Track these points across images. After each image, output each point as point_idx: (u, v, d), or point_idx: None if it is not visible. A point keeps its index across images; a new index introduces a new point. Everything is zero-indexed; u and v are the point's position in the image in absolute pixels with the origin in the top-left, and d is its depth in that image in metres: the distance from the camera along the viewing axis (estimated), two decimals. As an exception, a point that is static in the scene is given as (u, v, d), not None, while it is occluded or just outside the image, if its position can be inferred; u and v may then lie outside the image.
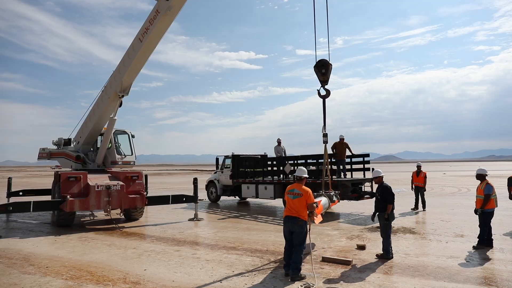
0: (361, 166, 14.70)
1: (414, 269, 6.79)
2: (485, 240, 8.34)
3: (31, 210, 10.94)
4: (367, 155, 14.60)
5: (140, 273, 6.78)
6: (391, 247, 7.61)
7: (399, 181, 34.70)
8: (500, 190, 22.96)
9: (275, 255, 7.95)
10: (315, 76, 9.08)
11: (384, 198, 7.63)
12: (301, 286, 6.00)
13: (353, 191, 13.64)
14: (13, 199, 14.34)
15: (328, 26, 8.92)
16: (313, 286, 5.96)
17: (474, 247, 8.26)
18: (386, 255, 7.48)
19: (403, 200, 17.95)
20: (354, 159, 15.05)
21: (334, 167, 14.97)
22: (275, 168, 15.94)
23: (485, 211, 8.30)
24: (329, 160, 14.93)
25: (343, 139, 14.93)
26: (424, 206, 14.36)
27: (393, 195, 7.62)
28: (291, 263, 6.39)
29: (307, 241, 6.71)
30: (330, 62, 8.71)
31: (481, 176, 8.59)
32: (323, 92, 8.91)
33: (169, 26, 11.27)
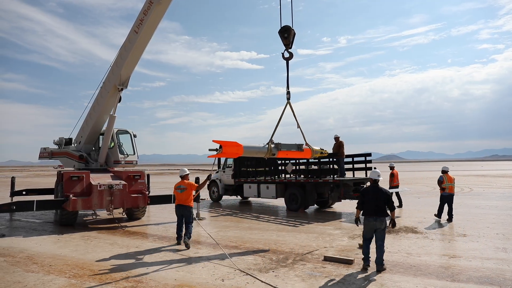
0: (363, 165, 14.69)
1: (416, 268, 6.79)
2: (439, 214, 11.96)
3: (34, 209, 11.00)
4: (369, 155, 14.59)
5: (142, 271, 6.80)
6: None
7: (400, 180, 34.60)
8: (503, 190, 22.93)
9: (276, 254, 7.96)
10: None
11: None
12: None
13: (355, 191, 13.64)
14: (16, 198, 14.40)
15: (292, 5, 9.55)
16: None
17: (435, 214, 12.12)
18: None
19: (403, 199, 17.87)
20: (356, 159, 15.03)
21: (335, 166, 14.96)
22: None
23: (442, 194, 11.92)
24: (330, 159, 14.94)
25: (338, 137, 14.95)
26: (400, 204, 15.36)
27: None
28: (186, 233, 8.81)
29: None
30: (292, 28, 9.34)
31: (444, 171, 12.22)
32: (286, 55, 9.52)
33: (163, 16, 11.45)
